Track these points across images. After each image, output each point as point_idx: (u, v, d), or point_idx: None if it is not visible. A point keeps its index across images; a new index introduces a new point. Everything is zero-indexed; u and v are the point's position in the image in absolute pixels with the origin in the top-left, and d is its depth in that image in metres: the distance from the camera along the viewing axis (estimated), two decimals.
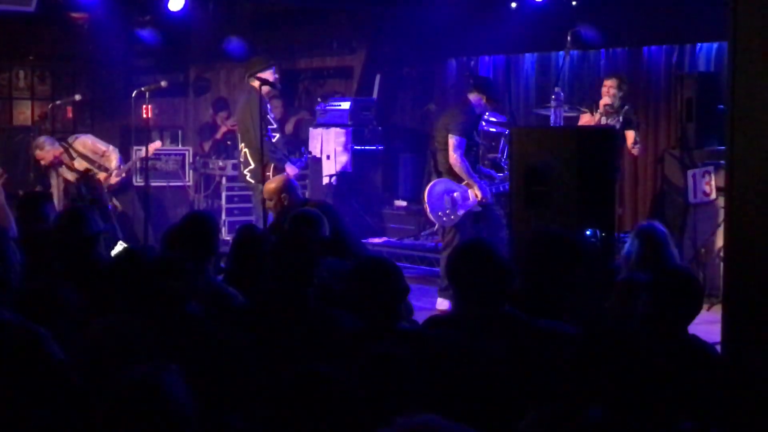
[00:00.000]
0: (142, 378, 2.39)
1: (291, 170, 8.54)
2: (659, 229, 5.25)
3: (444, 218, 8.04)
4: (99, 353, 3.37)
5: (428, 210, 8.08)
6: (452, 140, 7.93)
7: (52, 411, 2.69)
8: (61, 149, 9.68)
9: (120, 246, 4.94)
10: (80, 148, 9.73)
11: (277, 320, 3.79)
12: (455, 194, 7.99)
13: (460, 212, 7.99)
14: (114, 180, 9.65)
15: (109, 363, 3.08)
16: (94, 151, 9.72)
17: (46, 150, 9.63)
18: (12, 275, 3.32)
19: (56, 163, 9.68)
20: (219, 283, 4.65)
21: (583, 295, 4.71)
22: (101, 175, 9.60)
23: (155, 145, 9.79)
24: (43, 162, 9.69)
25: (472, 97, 8.05)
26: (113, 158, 9.70)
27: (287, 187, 6.76)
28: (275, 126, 8.83)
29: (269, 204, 6.77)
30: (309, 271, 3.91)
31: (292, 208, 6.44)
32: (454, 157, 7.94)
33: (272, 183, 6.91)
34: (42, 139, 9.82)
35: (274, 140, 8.74)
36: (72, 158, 9.68)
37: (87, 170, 9.22)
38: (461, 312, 3.52)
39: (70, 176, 9.64)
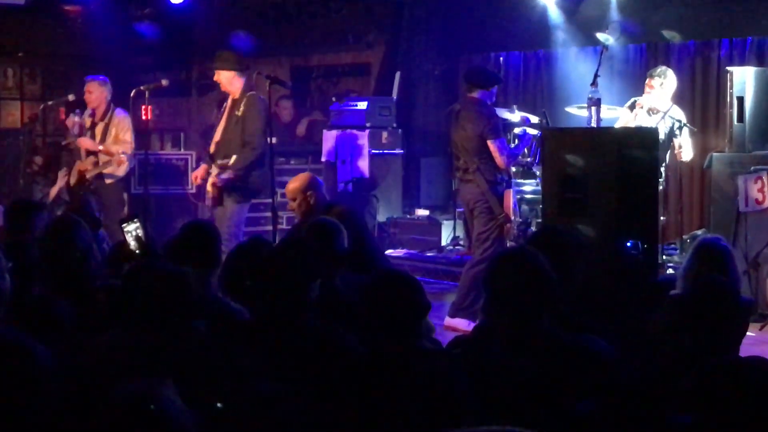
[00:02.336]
0: (137, 393, 2.41)
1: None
2: (722, 245, 5.20)
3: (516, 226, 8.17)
4: (97, 371, 3.40)
5: (514, 217, 8.17)
6: (494, 145, 7.95)
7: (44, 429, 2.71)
8: (106, 105, 9.56)
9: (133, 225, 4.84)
10: (114, 122, 9.57)
11: (274, 339, 3.80)
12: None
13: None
14: (90, 171, 9.49)
15: (108, 382, 3.10)
16: (117, 135, 9.56)
17: (102, 90, 9.53)
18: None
19: (92, 106, 9.57)
20: (222, 298, 4.67)
21: (625, 310, 4.70)
22: (85, 164, 9.48)
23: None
24: (87, 96, 9.58)
25: (477, 94, 8.10)
26: (124, 152, 9.51)
27: (312, 185, 6.82)
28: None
29: (292, 204, 6.80)
30: (305, 287, 3.91)
31: (317, 208, 6.50)
32: (503, 161, 8.03)
33: (294, 181, 6.93)
34: (103, 78, 9.74)
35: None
36: (101, 119, 9.53)
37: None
38: (495, 326, 3.50)
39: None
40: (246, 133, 8.50)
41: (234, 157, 8.43)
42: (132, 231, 4.71)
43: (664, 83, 8.87)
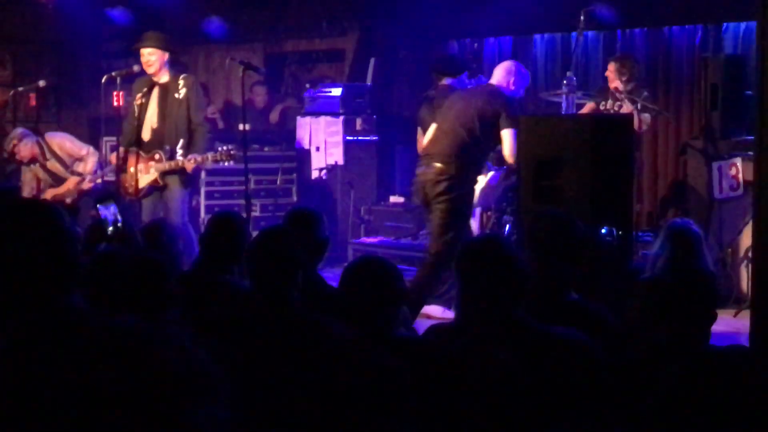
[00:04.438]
0: None
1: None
2: (693, 229, 5.23)
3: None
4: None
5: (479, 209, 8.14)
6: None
7: None
8: (38, 148, 9.69)
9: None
10: (56, 149, 9.73)
11: (258, 326, 3.80)
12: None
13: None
14: (87, 185, 9.66)
15: None
16: (71, 155, 9.73)
17: (24, 144, 9.63)
18: None
19: (30, 161, 9.69)
20: (245, 287, 4.73)
21: (598, 298, 4.72)
22: (73, 180, 9.61)
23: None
24: (17, 157, 9.67)
25: (447, 81, 8.13)
26: (90, 162, 9.69)
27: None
28: None
29: None
30: (292, 273, 3.91)
31: None
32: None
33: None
34: (20, 131, 9.81)
35: None
36: (46, 159, 9.69)
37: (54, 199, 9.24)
38: (468, 317, 3.51)
39: (41, 175, 9.65)
40: (194, 117, 8.46)
41: (181, 141, 8.38)
42: (108, 212, 4.65)
43: (620, 69, 8.97)
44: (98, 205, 4.68)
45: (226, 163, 8.31)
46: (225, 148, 8.37)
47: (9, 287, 2.28)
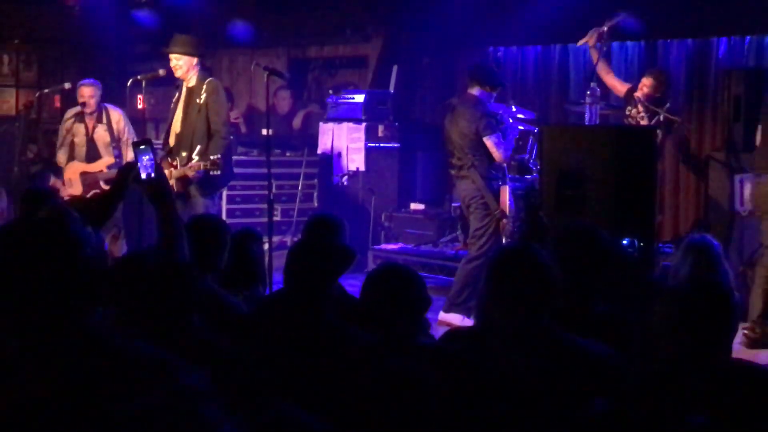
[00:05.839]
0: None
1: None
2: (713, 243, 5.24)
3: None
4: None
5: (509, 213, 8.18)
6: (490, 141, 7.99)
7: None
8: (97, 107, 9.55)
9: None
10: (112, 119, 9.58)
11: (287, 335, 3.81)
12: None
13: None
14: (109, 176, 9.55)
15: None
16: (119, 133, 9.59)
17: (95, 90, 9.51)
18: None
19: (90, 113, 9.54)
20: (219, 291, 4.68)
21: (619, 308, 4.73)
22: (109, 160, 9.44)
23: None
24: (80, 99, 9.53)
25: (476, 92, 8.13)
26: (127, 154, 9.57)
27: None
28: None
29: None
30: (324, 282, 3.92)
31: None
32: (501, 155, 8.09)
33: None
34: (90, 80, 9.70)
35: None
36: (100, 121, 9.53)
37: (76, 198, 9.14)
38: (493, 324, 3.51)
39: (81, 146, 9.50)
40: (212, 122, 8.32)
41: (198, 147, 8.22)
42: (142, 159, 4.47)
43: (656, 85, 8.97)
44: (134, 149, 4.48)
45: (212, 172, 8.11)
46: (214, 158, 8.18)
47: (26, 311, 2.29)
